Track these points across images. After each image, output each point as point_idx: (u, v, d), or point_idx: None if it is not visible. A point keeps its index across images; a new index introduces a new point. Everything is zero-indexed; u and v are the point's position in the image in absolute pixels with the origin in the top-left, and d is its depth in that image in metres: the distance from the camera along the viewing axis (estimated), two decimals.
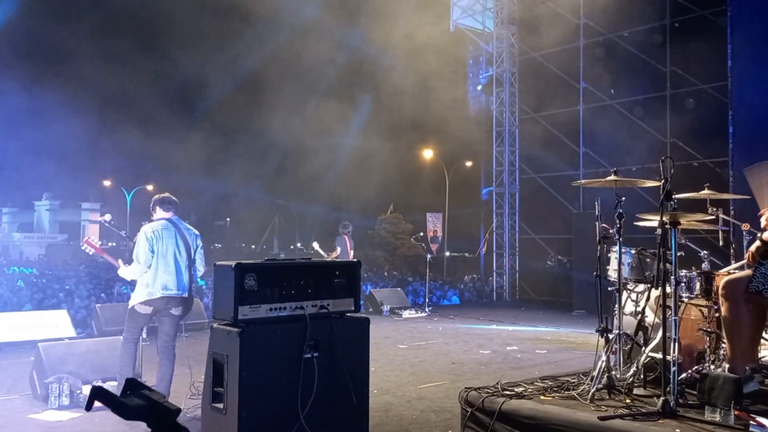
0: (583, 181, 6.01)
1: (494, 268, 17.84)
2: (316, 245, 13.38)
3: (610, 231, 4.99)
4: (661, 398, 4.04)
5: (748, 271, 4.44)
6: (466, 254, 40.49)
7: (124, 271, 5.77)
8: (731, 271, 4.97)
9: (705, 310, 4.73)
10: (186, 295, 5.76)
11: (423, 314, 13.41)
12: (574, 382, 4.95)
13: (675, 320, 4.16)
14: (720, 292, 4.42)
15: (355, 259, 5.00)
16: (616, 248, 4.95)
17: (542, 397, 4.57)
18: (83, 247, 6.17)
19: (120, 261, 5.85)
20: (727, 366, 4.39)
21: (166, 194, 6.02)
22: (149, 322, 5.83)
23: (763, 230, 4.40)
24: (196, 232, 6.03)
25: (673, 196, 4.25)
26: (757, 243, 4.34)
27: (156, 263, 5.62)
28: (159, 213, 5.93)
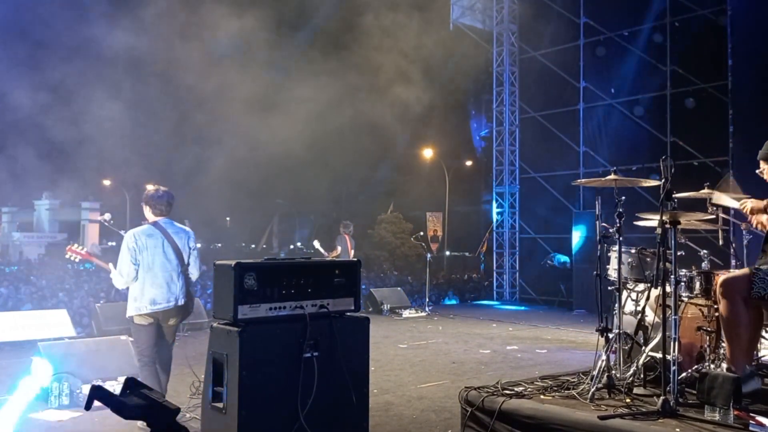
0: (583, 180, 5.99)
1: (494, 268, 17.83)
2: (316, 244, 13.40)
3: (610, 230, 5.00)
4: (661, 397, 4.04)
5: (745, 270, 4.44)
6: (466, 254, 40.47)
7: (114, 277, 5.35)
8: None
9: (705, 310, 4.73)
10: (182, 303, 5.37)
11: (423, 314, 13.40)
12: (574, 382, 4.94)
13: (675, 319, 4.16)
14: (718, 290, 4.42)
15: (356, 258, 4.99)
16: (616, 247, 4.95)
17: (542, 397, 4.56)
18: (68, 256, 5.70)
19: (111, 265, 5.37)
20: (725, 366, 4.38)
21: (158, 189, 5.45)
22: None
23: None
24: (190, 231, 5.54)
25: (674, 196, 4.25)
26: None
27: (142, 276, 5.19)
28: (147, 214, 5.43)
